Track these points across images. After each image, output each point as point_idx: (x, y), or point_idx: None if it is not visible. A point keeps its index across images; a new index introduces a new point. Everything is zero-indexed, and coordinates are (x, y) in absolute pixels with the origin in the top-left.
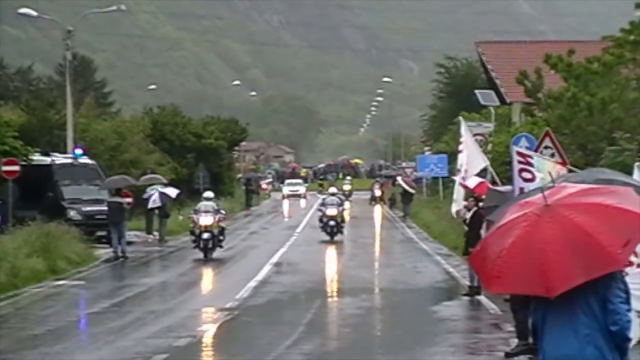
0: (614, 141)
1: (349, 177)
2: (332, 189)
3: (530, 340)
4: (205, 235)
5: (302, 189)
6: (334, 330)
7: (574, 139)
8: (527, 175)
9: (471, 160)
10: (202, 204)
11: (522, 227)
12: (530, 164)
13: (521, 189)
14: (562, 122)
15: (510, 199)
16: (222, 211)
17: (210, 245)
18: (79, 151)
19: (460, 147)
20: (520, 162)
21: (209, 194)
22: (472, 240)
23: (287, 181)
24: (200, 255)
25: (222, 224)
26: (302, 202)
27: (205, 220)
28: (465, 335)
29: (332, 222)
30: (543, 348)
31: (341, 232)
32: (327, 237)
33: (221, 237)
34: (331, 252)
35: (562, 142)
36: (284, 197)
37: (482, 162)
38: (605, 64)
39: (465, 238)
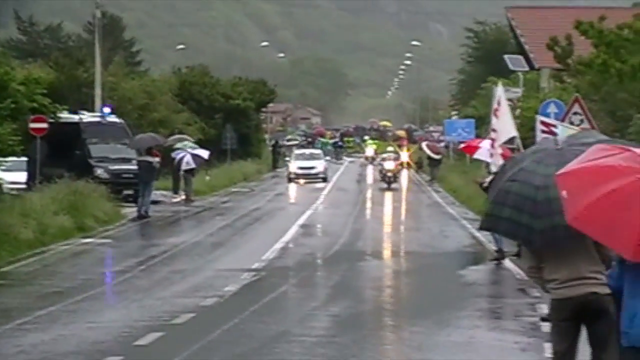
0: None
1: (369, 140)
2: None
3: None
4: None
5: (319, 165)
6: (360, 292)
7: (603, 106)
8: None
9: (503, 127)
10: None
11: (628, 181)
12: (554, 133)
13: None
14: (592, 88)
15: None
16: None
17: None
18: (107, 110)
19: (499, 113)
20: (544, 132)
21: None
22: None
23: (297, 152)
24: None
25: None
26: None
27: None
28: (491, 299)
29: None
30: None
31: None
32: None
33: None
34: (358, 214)
35: (592, 109)
36: (290, 179)
37: (513, 130)
38: (636, 31)
39: None
